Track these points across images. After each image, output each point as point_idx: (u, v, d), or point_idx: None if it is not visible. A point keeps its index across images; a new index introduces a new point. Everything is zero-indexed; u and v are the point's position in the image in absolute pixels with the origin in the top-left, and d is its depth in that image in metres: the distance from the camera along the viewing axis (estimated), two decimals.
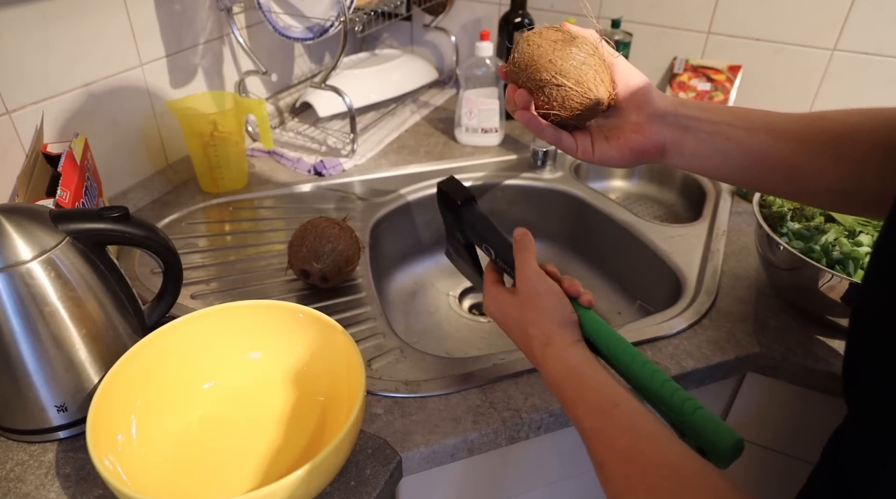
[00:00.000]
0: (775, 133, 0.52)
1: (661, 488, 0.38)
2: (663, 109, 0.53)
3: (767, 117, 0.53)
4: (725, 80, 1.10)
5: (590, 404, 0.44)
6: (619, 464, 0.41)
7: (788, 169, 0.52)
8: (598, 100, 0.51)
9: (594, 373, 0.46)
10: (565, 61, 0.49)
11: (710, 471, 0.38)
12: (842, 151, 0.50)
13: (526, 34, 0.52)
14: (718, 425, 0.41)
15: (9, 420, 0.55)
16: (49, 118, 0.77)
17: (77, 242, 0.54)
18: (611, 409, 0.43)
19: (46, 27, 0.74)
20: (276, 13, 0.96)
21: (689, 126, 0.53)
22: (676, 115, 0.53)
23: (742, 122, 0.53)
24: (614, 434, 0.42)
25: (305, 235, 0.72)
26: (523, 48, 0.51)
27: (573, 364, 0.47)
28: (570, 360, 0.47)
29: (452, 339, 0.93)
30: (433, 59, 1.38)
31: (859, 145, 0.50)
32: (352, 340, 0.56)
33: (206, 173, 0.94)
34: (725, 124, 0.52)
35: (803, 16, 1.03)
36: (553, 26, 0.52)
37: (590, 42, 0.51)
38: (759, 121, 0.53)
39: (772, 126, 0.52)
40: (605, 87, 0.51)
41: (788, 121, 0.52)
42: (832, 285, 0.65)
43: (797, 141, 0.51)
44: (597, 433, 0.43)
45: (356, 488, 0.53)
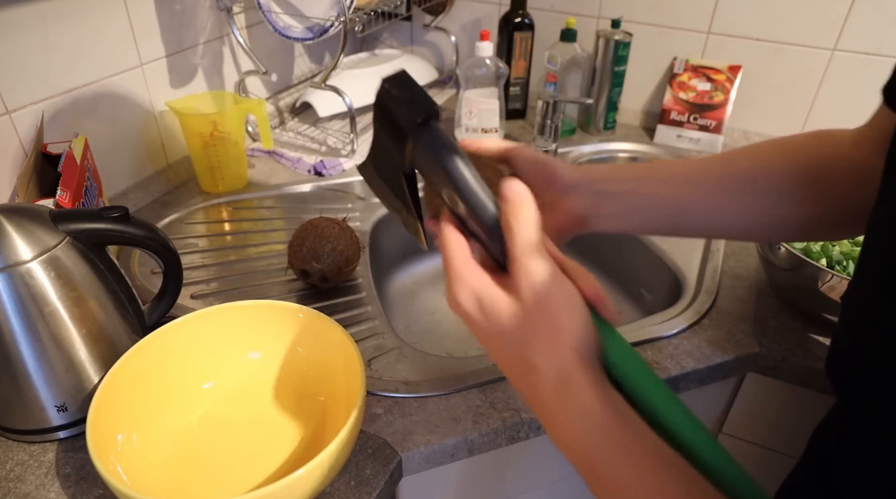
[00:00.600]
0: (689, 180, 0.52)
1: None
2: (572, 182, 0.52)
3: (675, 167, 0.55)
4: (725, 80, 1.10)
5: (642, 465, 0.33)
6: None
7: (709, 211, 0.52)
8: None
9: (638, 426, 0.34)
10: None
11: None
12: (759, 185, 0.51)
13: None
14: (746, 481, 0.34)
15: (9, 420, 0.55)
16: (49, 118, 0.77)
17: (77, 242, 0.54)
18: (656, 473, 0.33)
19: (46, 27, 0.74)
20: (276, 13, 0.96)
21: (601, 191, 0.52)
22: (587, 183, 0.52)
23: (653, 176, 0.53)
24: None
25: (305, 235, 0.72)
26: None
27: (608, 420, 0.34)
28: (605, 413, 0.34)
29: (452, 339, 0.93)
30: (433, 59, 1.38)
31: (774, 178, 0.51)
32: (352, 340, 0.56)
33: (206, 173, 0.94)
34: (636, 181, 0.53)
35: (803, 16, 1.03)
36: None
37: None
38: (668, 172, 0.54)
39: (683, 174, 0.53)
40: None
41: (700, 166, 0.53)
42: (832, 285, 0.65)
43: (713, 183, 0.52)
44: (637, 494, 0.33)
45: (356, 488, 0.53)
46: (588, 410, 0.34)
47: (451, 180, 0.37)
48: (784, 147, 0.52)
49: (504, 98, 1.13)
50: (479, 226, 0.37)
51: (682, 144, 1.13)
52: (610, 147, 1.15)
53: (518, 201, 0.36)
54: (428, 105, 0.38)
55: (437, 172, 0.38)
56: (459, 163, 0.37)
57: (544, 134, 1.02)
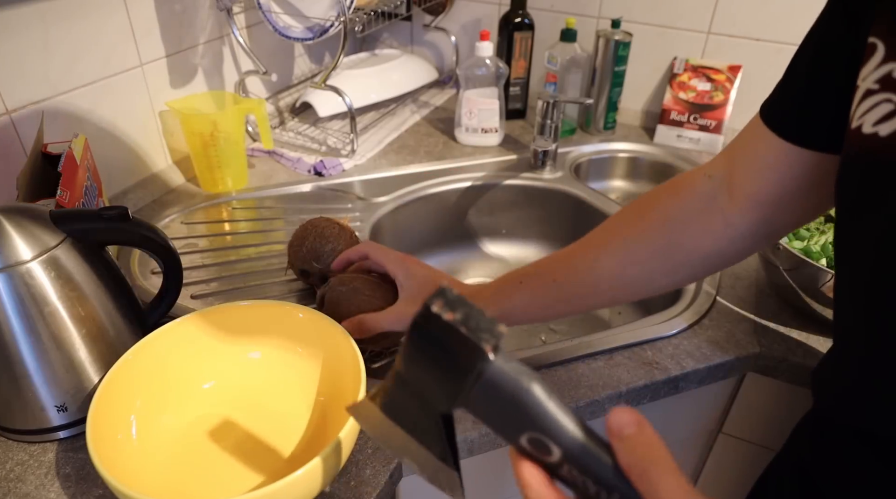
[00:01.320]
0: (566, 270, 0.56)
1: None
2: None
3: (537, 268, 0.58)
4: (725, 81, 1.10)
5: None
6: None
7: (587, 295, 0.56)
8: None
9: None
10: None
11: None
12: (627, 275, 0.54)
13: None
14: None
15: (9, 420, 0.55)
16: (49, 118, 0.77)
17: (77, 242, 0.54)
18: None
19: (46, 27, 0.74)
20: (276, 13, 0.96)
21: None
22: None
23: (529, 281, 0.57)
24: None
25: (305, 235, 0.72)
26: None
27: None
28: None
29: None
30: (433, 59, 1.38)
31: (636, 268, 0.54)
32: (352, 340, 0.56)
33: (206, 173, 0.94)
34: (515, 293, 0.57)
35: (803, 16, 1.02)
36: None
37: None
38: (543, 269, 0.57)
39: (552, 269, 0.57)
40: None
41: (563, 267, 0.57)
42: (832, 285, 0.65)
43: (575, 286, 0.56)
44: None
45: (356, 488, 0.53)
46: None
47: (540, 426, 0.29)
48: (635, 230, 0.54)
49: (504, 98, 1.13)
50: (582, 468, 0.29)
51: (682, 144, 1.13)
52: (610, 147, 1.15)
53: (641, 435, 0.27)
54: (494, 329, 0.28)
55: (515, 414, 0.29)
56: (551, 403, 0.29)
57: (544, 134, 1.02)
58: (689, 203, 0.51)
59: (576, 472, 0.29)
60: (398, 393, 0.34)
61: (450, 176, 1.03)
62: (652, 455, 0.26)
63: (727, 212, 0.49)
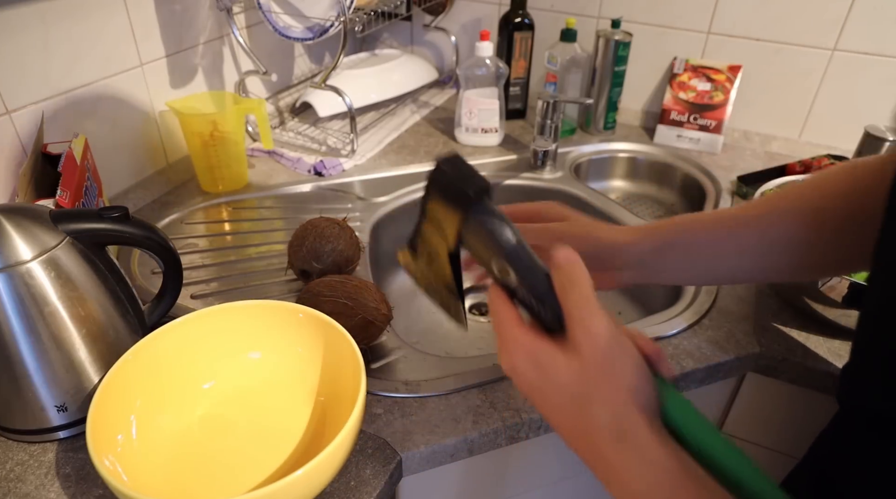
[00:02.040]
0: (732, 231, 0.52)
1: None
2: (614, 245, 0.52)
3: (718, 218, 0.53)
4: (725, 81, 1.10)
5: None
6: None
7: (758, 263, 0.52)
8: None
9: (703, 477, 0.33)
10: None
11: None
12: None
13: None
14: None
15: (9, 420, 0.55)
16: (49, 118, 0.77)
17: (77, 242, 0.54)
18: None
19: (46, 27, 0.74)
20: (276, 13, 0.96)
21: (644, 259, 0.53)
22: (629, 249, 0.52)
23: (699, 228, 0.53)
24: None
25: (305, 235, 0.72)
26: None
27: (665, 465, 0.33)
28: (663, 461, 0.33)
29: (452, 339, 0.93)
30: (433, 59, 1.38)
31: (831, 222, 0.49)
32: (352, 340, 0.56)
33: (206, 173, 0.94)
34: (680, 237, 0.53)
35: (803, 16, 1.03)
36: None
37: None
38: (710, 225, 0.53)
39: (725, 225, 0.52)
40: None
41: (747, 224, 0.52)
42: (832, 285, 0.65)
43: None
44: None
45: (356, 488, 0.53)
46: (653, 464, 0.33)
47: (503, 251, 0.38)
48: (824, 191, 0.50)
49: (504, 98, 1.13)
50: (532, 292, 0.38)
51: (682, 144, 1.13)
52: (610, 147, 1.15)
53: (570, 266, 0.36)
54: (481, 181, 0.39)
55: (489, 243, 0.39)
56: (511, 233, 0.39)
57: (544, 134, 1.02)
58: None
59: (525, 291, 0.39)
60: (420, 239, 0.45)
61: None
62: (572, 278, 0.36)
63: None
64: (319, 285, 0.65)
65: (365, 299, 0.63)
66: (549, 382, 0.36)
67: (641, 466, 0.33)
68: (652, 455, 0.33)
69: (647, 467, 0.33)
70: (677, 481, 0.33)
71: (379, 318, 0.64)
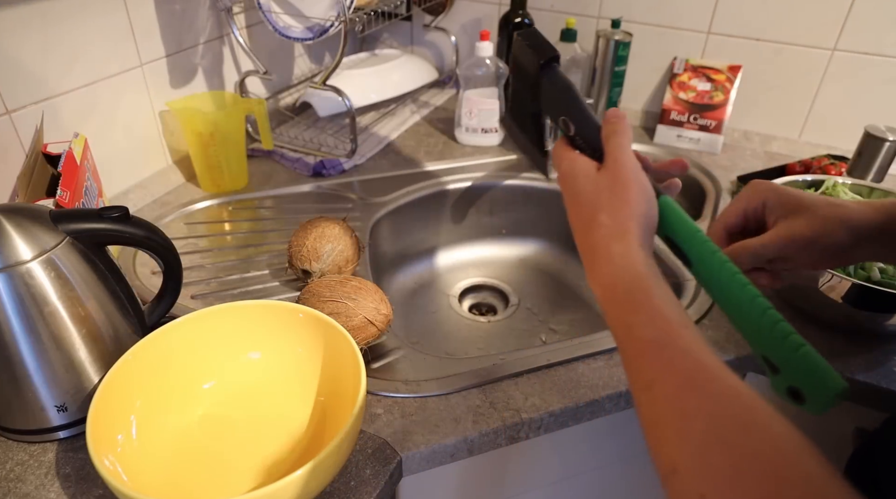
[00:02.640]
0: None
1: (727, 417, 0.32)
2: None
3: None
4: (725, 81, 1.10)
5: (655, 314, 0.38)
6: (676, 386, 0.35)
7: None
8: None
9: (665, 287, 0.40)
10: None
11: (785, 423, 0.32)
12: None
13: None
14: (825, 369, 0.37)
15: (9, 420, 0.55)
16: (49, 118, 0.77)
17: (77, 242, 0.54)
18: (679, 327, 0.37)
19: (46, 27, 0.74)
20: (276, 13, 0.96)
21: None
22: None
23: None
24: (678, 354, 0.36)
25: (305, 235, 0.72)
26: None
27: (641, 269, 0.40)
28: (640, 263, 0.41)
29: (452, 339, 0.93)
30: (433, 59, 1.38)
31: None
32: (352, 340, 0.56)
33: (206, 173, 0.94)
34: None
35: (803, 16, 1.03)
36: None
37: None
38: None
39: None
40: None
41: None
42: (832, 285, 0.65)
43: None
44: (656, 347, 0.37)
45: (356, 488, 0.53)
46: (628, 259, 0.41)
47: (566, 103, 0.49)
48: None
49: (504, 98, 1.13)
50: (585, 138, 0.48)
51: (682, 144, 1.13)
52: None
53: (617, 119, 0.47)
54: (550, 50, 0.49)
55: (558, 98, 0.50)
56: (575, 91, 0.50)
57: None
58: None
59: (579, 139, 0.49)
60: (514, 104, 0.56)
61: (450, 176, 1.03)
62: (616, 129, 0.47)
63: None
64: (319, 285, 0.65)
65: (365, 299, 0.63)
66: (578, 185, 0.46)
67: (621, 261, 0.41)
68: (634, 257, 0.41)
69: (627, 263, 0.41)
70: (650, 280, 0.40)
71: (379, 318, 0.64)
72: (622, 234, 0.42)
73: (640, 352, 0.38)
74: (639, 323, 0.38)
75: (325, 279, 0.66)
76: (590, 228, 0.44)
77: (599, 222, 0.43)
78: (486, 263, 1.08)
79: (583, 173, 0.46)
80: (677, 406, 0.34)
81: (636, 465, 0.78)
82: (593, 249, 0.44)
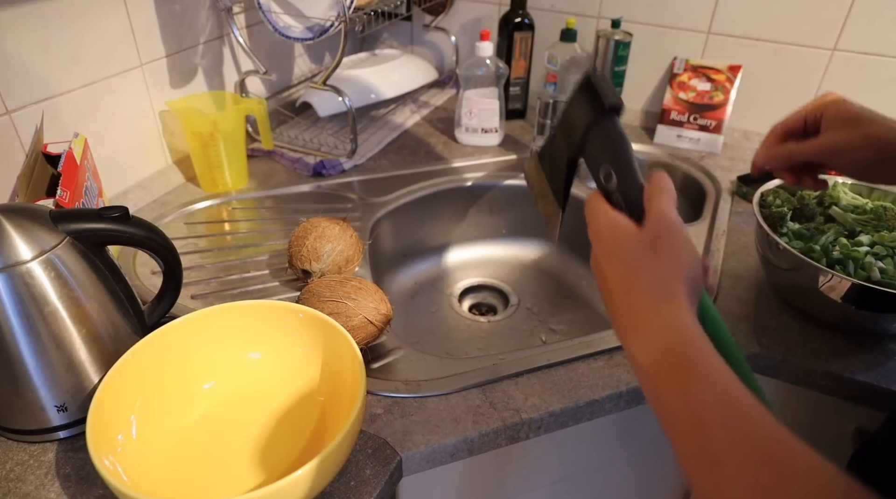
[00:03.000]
0: None
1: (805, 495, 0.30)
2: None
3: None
4: (725, 81, 1.10)
5: (714, 380, 0.35)
6: (752, 463, 0.32)
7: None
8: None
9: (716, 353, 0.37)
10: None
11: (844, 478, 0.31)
12: None
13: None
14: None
15: (9, 420, 0.55)
16: (49, 118, 0.77)
17: (77, 242, 0.54)
18: (742, 396, 0.34)
19: (46, 27, 0.74)
20: (276, 13, 0.96)
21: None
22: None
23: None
24: (748, 426, 0.33)
25: (305, 235, 0.72)
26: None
27: (694, 330, 0.37)
28: (691, 325, 0.38)
29: (452, 339, 0.93)
30: (433, 59, 1.38)
31: None
32: (352, 340, 0.56)
33: (206, 173, 0.94)
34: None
35: (803, 16, 1.02)
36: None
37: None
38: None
39: None
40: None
41: None
42: (832, 285, 0.65)
43: None
44: (721, 418, 0.34)
45: (356, 488, 0.53)
46: (677, 318, 0.38)
47: (616, 155, 0.46)
48: None
49: (504, 98, 1.13)
50: (625, 193, 0.45)
51: (682, 145, 1.13)
52: None
53: (662, 181, 0.44)
54: (618, 99, 0.46)
55: (605, 148, 0.46)
56: (625, 145, 0.46)
57: (544, 134, 1.02)
58: None
59: (619, 197, 0.45)
60: (549, 143, 0.51)
61: (450, 176, 1.03)
62: (661, 187, 0.43)
63: None
64: (319, 285, 0.65)
65: (365, 299, 0.63)
66: (618, 241, 0.43)
67: (673, 323, 0.38)
68: (685, 319, 0.38)
69: (669, 324, 0.38)
70: (704, 343, 0.36)
71: (379, 318, 0.64)
72: (671, 294, 0.39)
73: (702, 421, 0.34)
74: (699, 390, 0.35)
75: (325, 279, 0.66)
76: (632, 288, 0.40)
77: (641, 280, 0.40)
78: (486, 263, 1.08)
79: (623, 229, 0.43)
80: (753, 483, 0.31)
81: (636, 465, 0.78)
82: (635, 310, 0.40)
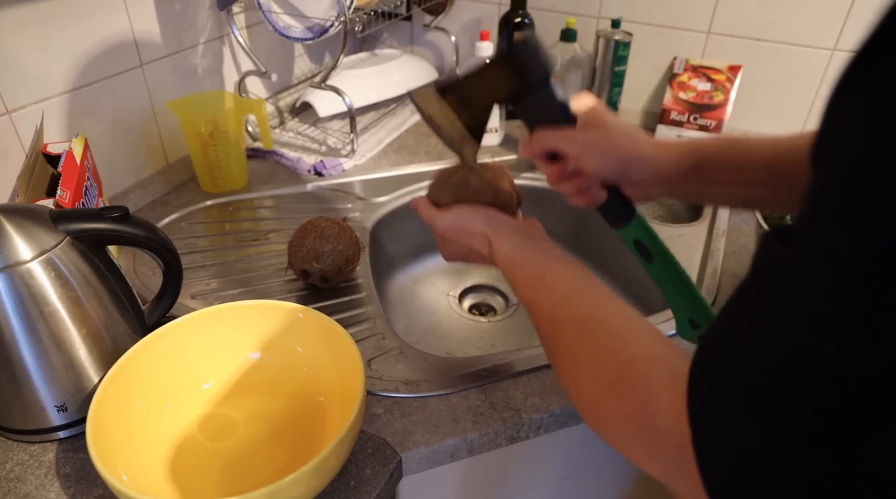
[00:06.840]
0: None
1: (573, 336, 0.43)
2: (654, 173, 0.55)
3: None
4: (725, 81, 1.10)
5: (523, 281, 0.50)
6: (546, 326, 0.46)
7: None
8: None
9: (524, 254, 0.51)
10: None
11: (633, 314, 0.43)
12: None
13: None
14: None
15: (9, 420, 0.55)
16: (49, 118, 0.77)
17: (77, 242, 0.54)
18: (537, 280, 0.49)
19: (46, 27, 0.74)
20: (276, 13, 0.96)
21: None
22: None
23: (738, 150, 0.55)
24: (541, 299, 0.47)
25: (305, 235, 0.72)
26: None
27: (507, 254, 0.52)
28: (505, 250, 0.53)
29: (452, 339, 0.93)
30: (433, 59, 1.38)
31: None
32: (352, 340, 0.56)
33: (206, 173, 0.94)
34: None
35: (803, 16, 1.02)
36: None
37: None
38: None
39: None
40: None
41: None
42: None
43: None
44: (531, 305, 0.48)
45: (356, 488, 0.53)
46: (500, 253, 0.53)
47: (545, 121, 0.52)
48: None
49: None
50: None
51: None
52: None
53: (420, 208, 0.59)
54: (552, 65, 0.50)
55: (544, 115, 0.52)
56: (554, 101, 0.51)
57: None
58: None
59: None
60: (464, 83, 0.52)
61: None
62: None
63: None
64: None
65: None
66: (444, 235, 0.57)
67: (498, 258, 0.52)
68: (501, 249, 0.52)
69: (501, 257, 0.52)
70: (513, 258, 0.51)
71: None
72: (488, 242, 0.54)
73: (529, 314, 0.49)
74: (519, 293, 0.50)
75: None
76: (469, 255, 0.57)
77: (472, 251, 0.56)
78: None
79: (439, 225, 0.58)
80: (548, 340, 0.46)
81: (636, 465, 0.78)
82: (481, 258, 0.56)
